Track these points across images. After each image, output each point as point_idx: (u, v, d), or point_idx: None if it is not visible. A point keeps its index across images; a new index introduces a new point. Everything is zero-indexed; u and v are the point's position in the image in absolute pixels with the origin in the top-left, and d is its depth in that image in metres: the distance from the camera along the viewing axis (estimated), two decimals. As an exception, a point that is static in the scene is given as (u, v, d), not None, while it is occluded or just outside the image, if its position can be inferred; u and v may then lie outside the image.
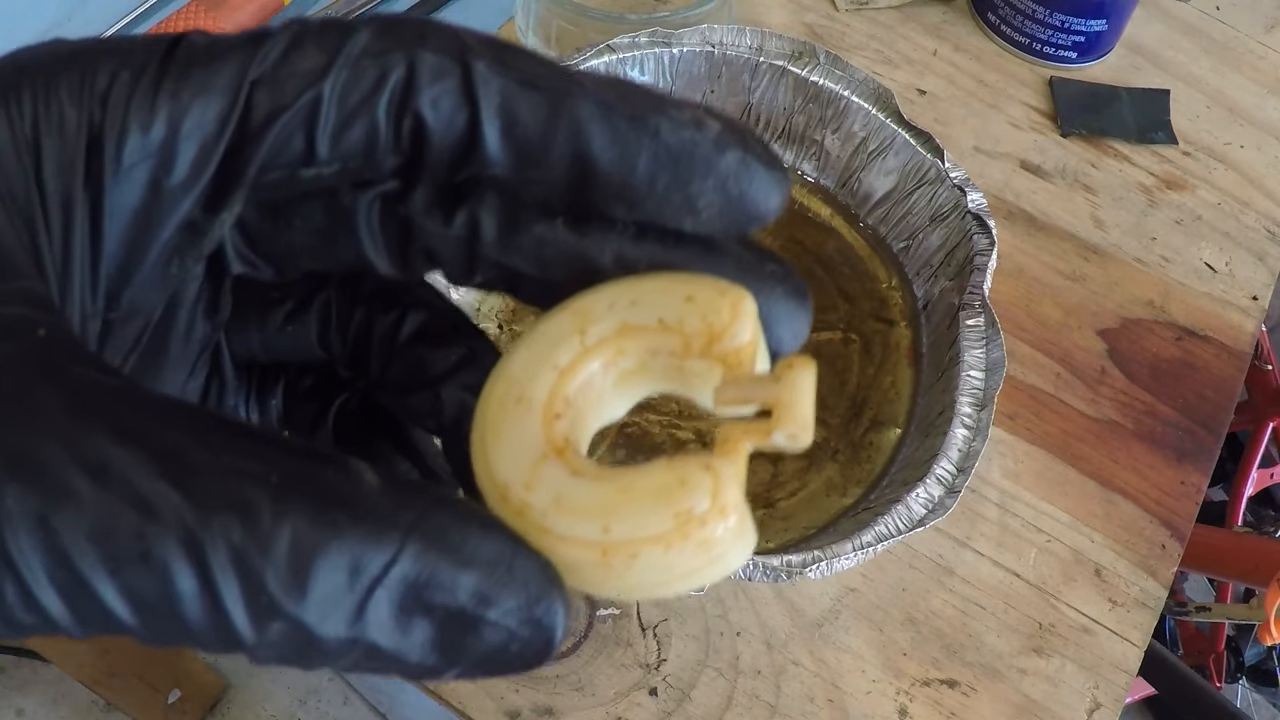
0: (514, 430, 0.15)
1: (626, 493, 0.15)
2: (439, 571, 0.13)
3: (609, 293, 0.17)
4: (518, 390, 0.16)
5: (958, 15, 0.69)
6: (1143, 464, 0.53)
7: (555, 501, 0.15)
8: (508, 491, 0.15)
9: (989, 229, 0.48)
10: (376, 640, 0.13)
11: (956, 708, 0.46)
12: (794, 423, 0.15)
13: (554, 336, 0.16)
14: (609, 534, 0.14)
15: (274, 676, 1.16)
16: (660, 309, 0.16)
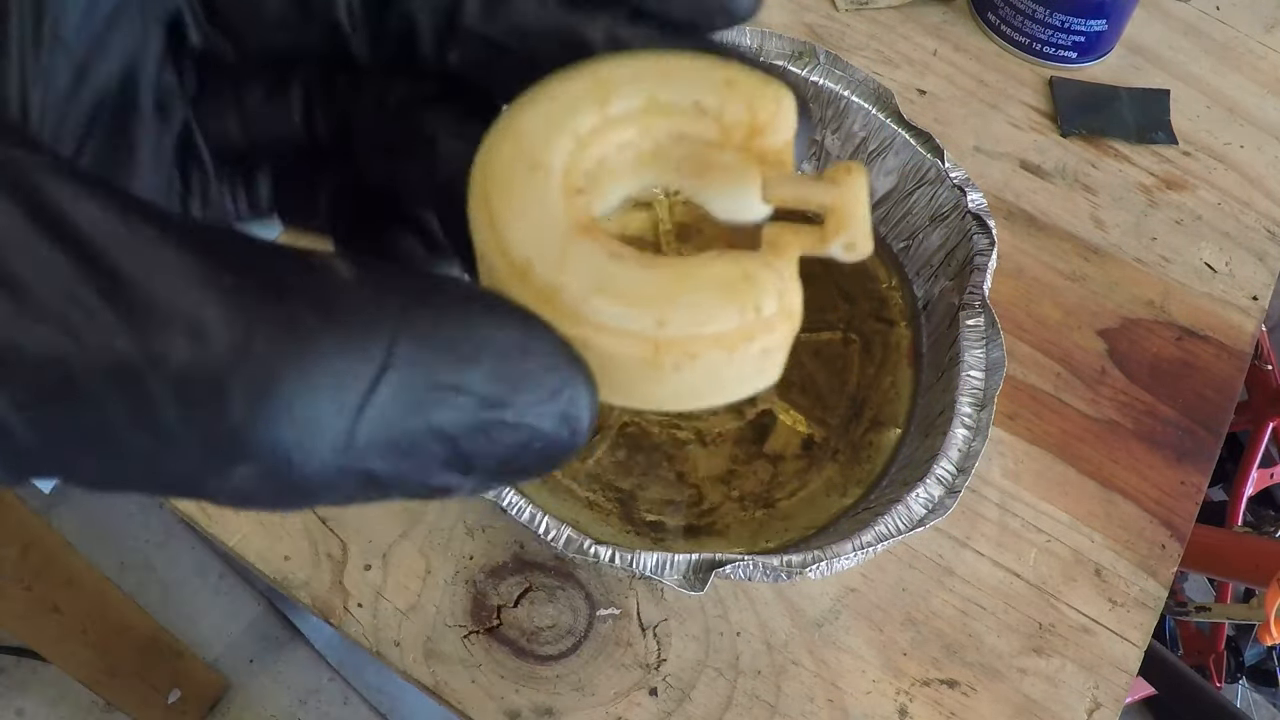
0: (530, 199, 0.13)
1: (685, 281, 0.13)
2: (439, 373, 0.11)
3: (633, 63, 0.14)
4: (531, 152, 0.13)
5: (958, 15, 0.69)
6: (1143, 464, 0.53)
7: (598, 286, 0.12)
8: (529, 270, 0.13)
9: (989, 229, 0.48)
10: (372, 467, 0.11)
11: (956, 708, 0.46)
12: (855, 229, 0.14)
13: (571, 100, 0.14)
14: (664, 328, 0.12)
15: (274, 677, 1.16)
16: (697, 89, 0.14)
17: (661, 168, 0.15)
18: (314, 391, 0.10)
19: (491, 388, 0.11)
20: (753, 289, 0.13)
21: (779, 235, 0.14)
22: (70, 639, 0.90)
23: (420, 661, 0.44)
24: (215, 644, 1.16)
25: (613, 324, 0.12)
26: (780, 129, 0.14)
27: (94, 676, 0.95)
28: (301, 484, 0.11)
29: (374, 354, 0.10)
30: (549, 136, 0.14)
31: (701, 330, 0.13)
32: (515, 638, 0.45)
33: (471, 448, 0.11)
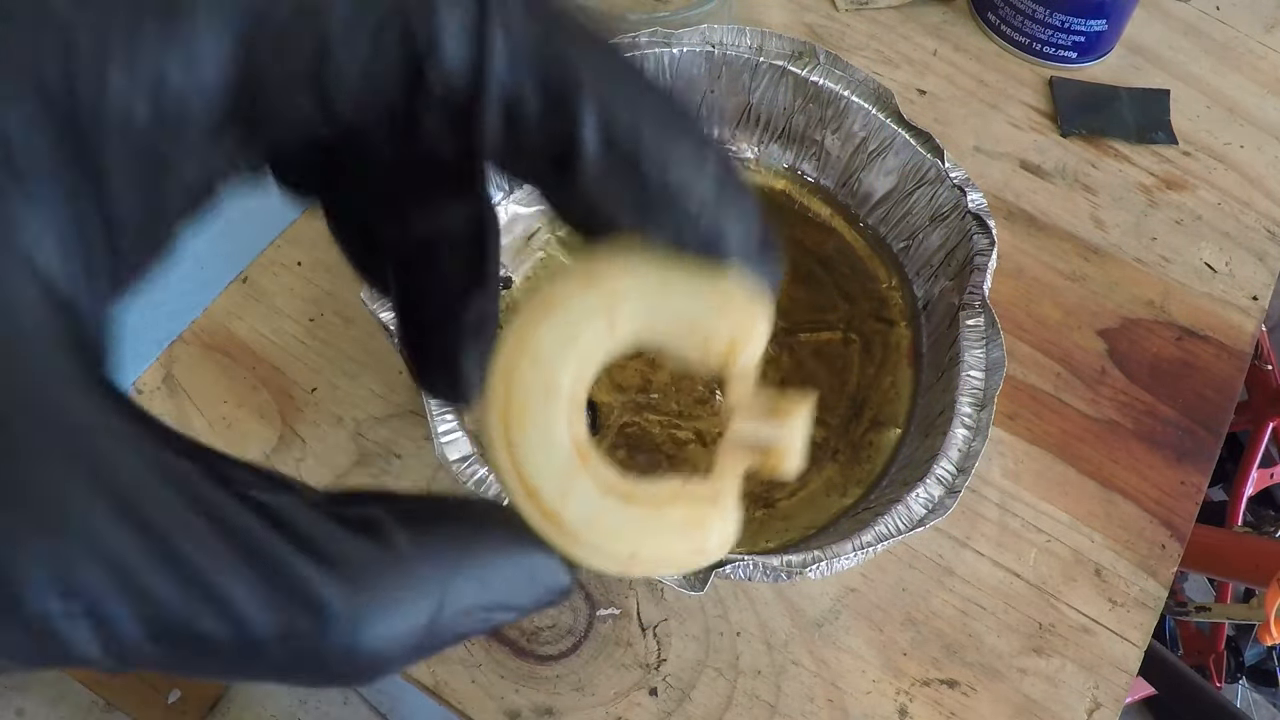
0: (543, 426, 0.17)
1: (653, 524, 0.17)
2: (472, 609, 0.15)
3: (636, 272, 0.17)
4: (545, 377, 0.17)
5: (958, 15, 0.69)
6: (1143, 464, 0.53)
7: (588, 523, 0.17)
8: (539, 497, 0.17)
9: (989, 229, 0.48)
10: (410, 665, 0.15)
11: (956, 708, 0.46)
12: (789, 466, 0.18)
13: (580, 312, 0.17)
14: (635, 556, 0.17)
15: (274, 676, 1.16)
16: (691, 312, 0.17)
17: (649, 341, 0.18)
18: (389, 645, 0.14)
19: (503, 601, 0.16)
20: (704, 533, 0.17)
21: (727, 463, 0.18)
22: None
23: (420, 661, 0.44)
24: (215, 644, 1.16)
25: (599, 550, 0.17)
26: (752, 350, 0.18)
27: (94, 676, 0.94)
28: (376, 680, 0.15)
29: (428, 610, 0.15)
30: (562, 357, 0.17)
31: (662, 558, 0.17)
32: (515, 638, 0.45)
33: (483, 632, 0.16)
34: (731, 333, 0.17)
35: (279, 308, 0.52)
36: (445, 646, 0.15)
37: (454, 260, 0.19)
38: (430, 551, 0.15)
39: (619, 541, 0.17)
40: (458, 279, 0.19)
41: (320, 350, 0.51)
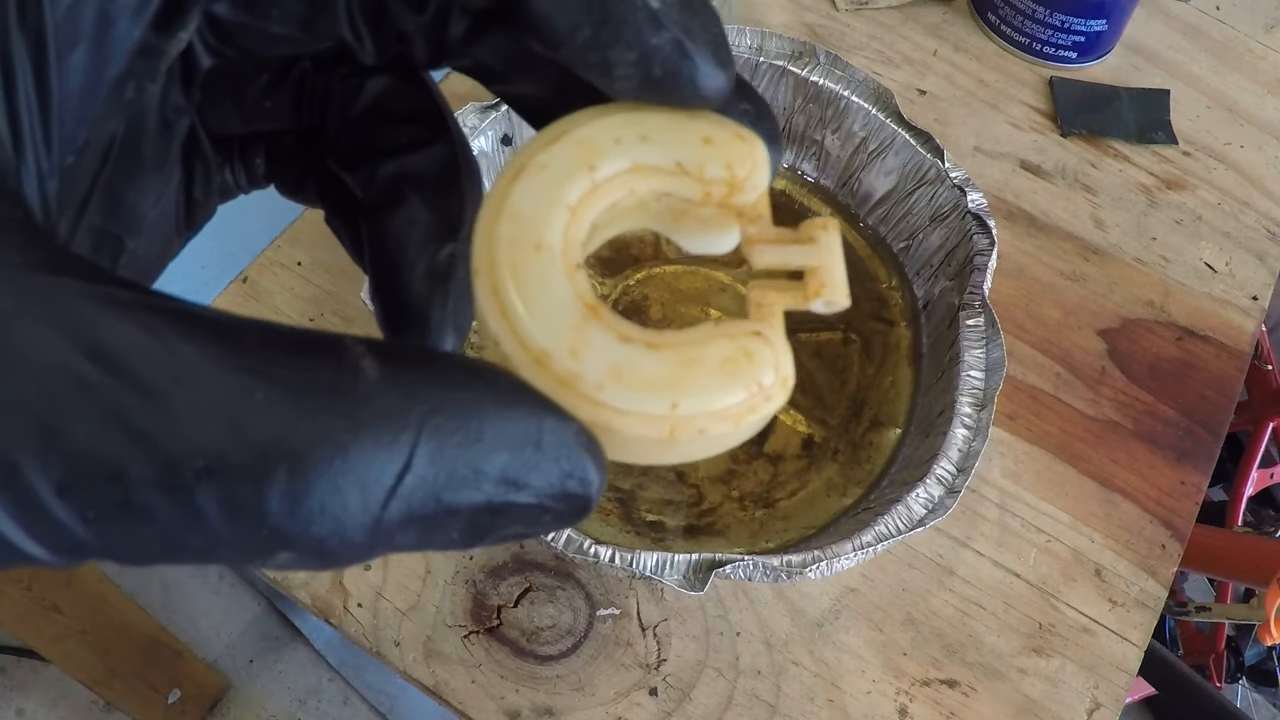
0: (539, 283, 0.14)
1: (693, 366, 0.14)
2: (458, 465, 0.12)
3: (612, 123, 0.15)
4: (533, 234, 0.14)
5: (958, 15, 0.69)
6: (1143, 464, 0.53)
7: (612, 373, 0.14)
8: (549, 360, 0.14)
9: (989, 229, 0.48)
10: (397, 544, 0.12)
11: (956, 708, 0.46)
12: (834, 289, 0.15)
13: (560, 170, 0.15)
14: (677, 409, 0.14)
15: (274, 677, 1.16)
16: (677, 149, 0.15)
17: (643, 217, 0.16)
18: (344, 493, 0.11)
19: (507, 475, 0.12)
20: (753, 366, 0.14)
21: (764, 296, 0.15)
22: (70, 639, 0.90)
23: (420, 661, 0.44)
24: (215, 644, 1.16)
25: (630, 408, 0.14)
26: (757, 184, 0.15)
27: (94, 676, 0.95)
28: (337, 560, 0.12)
29: (398, 455, 0.12)
30: (547, 213, 0.15)
31: (711, 409, 0.14)
32: (515, 638, 0.45)
33: (487, 523, 0.13)
34: (726, 165, 0.15)
35: (279, 308, 0.52)
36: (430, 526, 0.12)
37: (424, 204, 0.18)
38: (406, 383, 0.12)
39: (654, 392, 0.14)
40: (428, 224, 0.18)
41: (320, 350, 0.51)
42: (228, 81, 0.18)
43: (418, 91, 0.19)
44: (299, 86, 0.19)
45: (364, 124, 0.19)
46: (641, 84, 0.15)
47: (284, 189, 0.20)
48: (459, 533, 0.13)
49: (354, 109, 0.19)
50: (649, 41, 0.15)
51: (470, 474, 0.12)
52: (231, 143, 0.20)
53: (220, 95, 0.18)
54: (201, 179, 0.19)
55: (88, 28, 0.14)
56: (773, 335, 0.15)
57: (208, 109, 0.19)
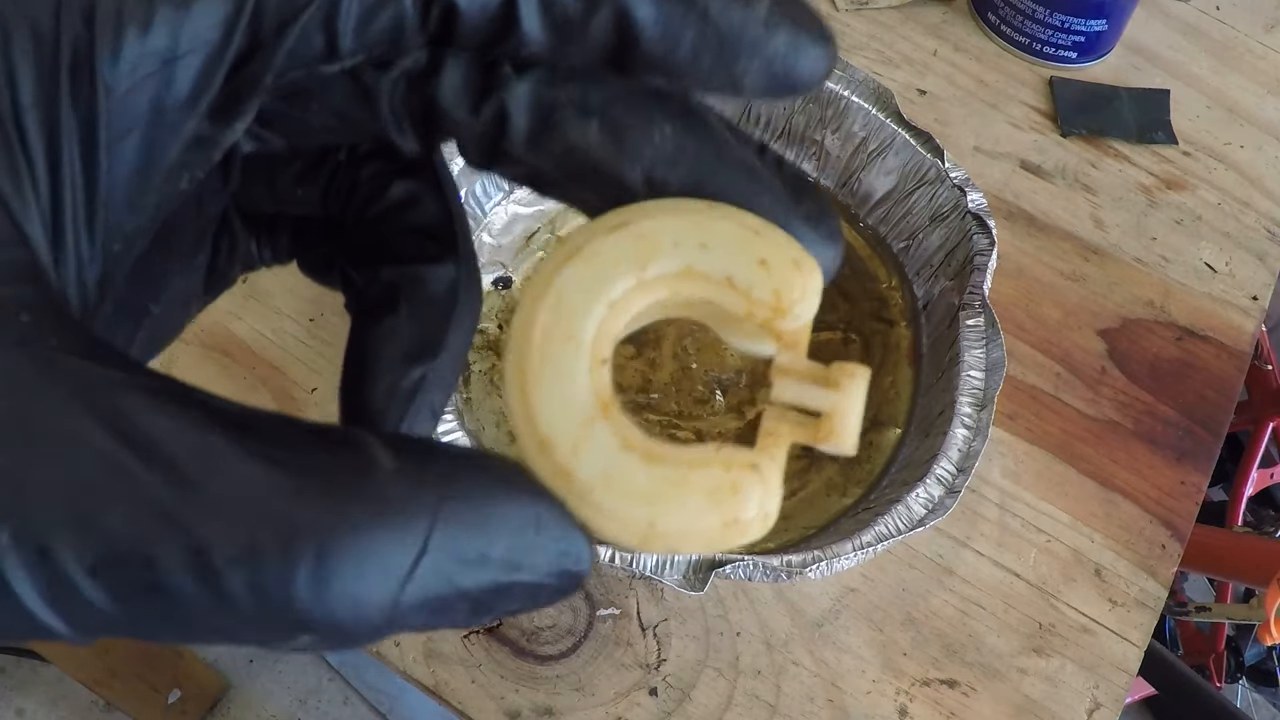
0: (561, 374, 0.15)
1: (678, 487, 0.15)
2: (468, 550, 0.13)
3: (675, 225, 0.16)
4: (567, 324, 0.15)
5: (958, 15, 0.69)
6: (1143, 464, 0.53)
7: (604, 478, 0.15)
8: (551, 449, 0.15)
9: (989, 229, 0.48)
10: (408, 625, 0.13)
11: (956, 708, 0.46)
12: (845, 438, 0.16)
13: (611, 262, 0.15)
14: (654, 526, 0.15)
15: (274, 677, 1.16)
16: (731, 264, 0.16)
17: (687, 311, 0.17)
18: (366, 576, 0.12)
19: (510, 557, 0.13)
20: (737, 500, 0.15)
21: (776, 427, 0.16)
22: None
23: (420, 661, 0.44)
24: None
25: (613, 512, 0.15)
26: (802, 314, 0.16)
27: (94, 676, 0.95)
28: (354, 643, 0.13)
29: (414, 541, 0.12)
30: (587, 306, 0.15)
31: (684, 530, 0.15)
32: (515, 638, 0.45)
33: (491, 602, 0.13)
34: (776, 291, 0.16)
35: (279, 308, 0.52)
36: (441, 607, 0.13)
37: (412, 318, 0.18)
38: (418, 475, 0.13)
39: (636, 504, 0.14)
40: (408, 341, 0.18)
41: (320, 350, 0.51)
42: (263, 166, 0.19)
43: (439, 208, 0.19)
44: (330, 178, 0.19)
45: (380, 225, 0.19)
46: (767, 84, 0.16)
47: (306, 269, 0.21)
48: (464, 613, 0.13)
49: (373, 209, 0.19)
50: (768, 46, 0.15)
51: (478, 557, 0.13)
52: (260, 220, 0.20)
53: (254, 178, 0.19)
54: (227, 252, 0.20)
55: (142, 116, 0.14)
56: (769, 471, 0.15)
57: (243, 190, 0.19)
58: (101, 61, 0.13)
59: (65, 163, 0.13)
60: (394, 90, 0.16)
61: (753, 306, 0.16)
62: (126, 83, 0.13)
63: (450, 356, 0.18)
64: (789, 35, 0.16)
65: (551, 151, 0.16)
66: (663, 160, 0.16)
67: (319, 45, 0.15)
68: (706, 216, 0.16)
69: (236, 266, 0.20)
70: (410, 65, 0.16)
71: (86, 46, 0.13)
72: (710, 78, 0.16)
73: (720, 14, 0.15)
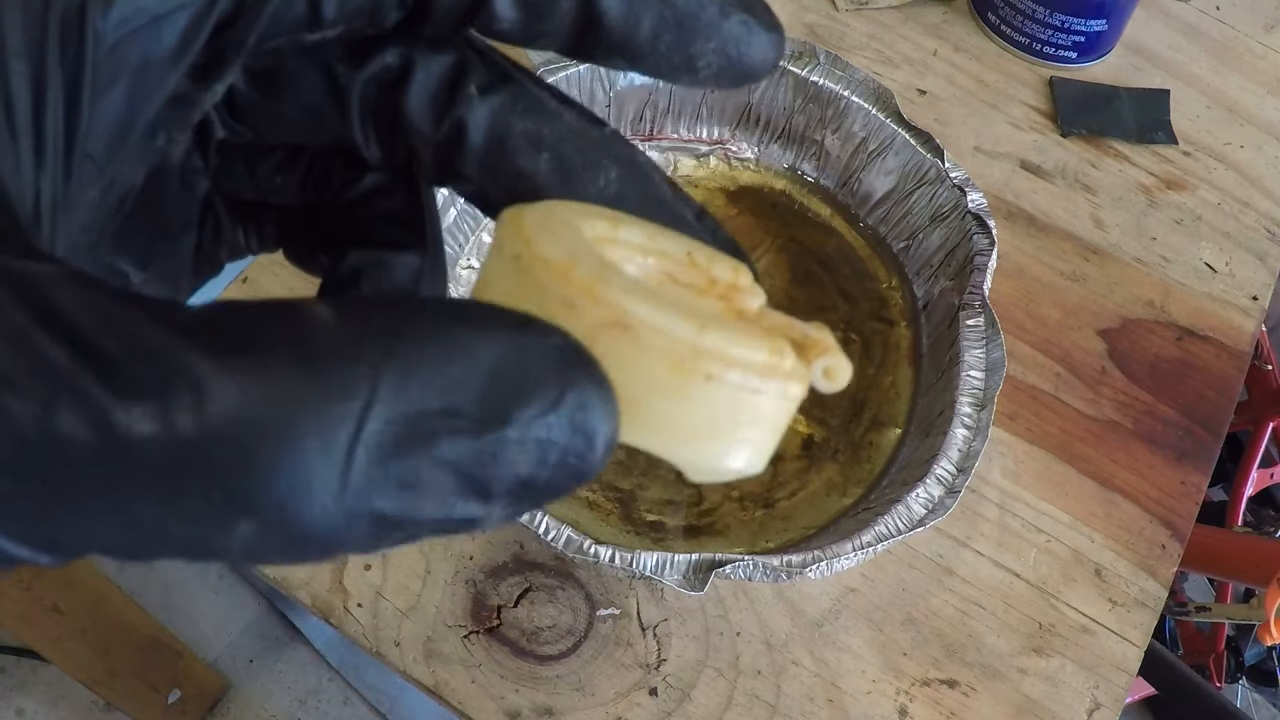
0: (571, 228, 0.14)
1: (725, 316, 0.14)
2: (426, 401, 0.11)
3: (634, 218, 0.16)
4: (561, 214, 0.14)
5: (958, 15, 0.69)
6: (1143, 464, 0.53)
7: (642, 290, 0.13)
8: (573, 267, 0.13)
9: (989, 229, 0.48)
10: (379, 508, 0.11)
11: (956, 708, 0.46)
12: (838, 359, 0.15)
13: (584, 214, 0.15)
14: (701, 336, 0.12)
15: (274, 677, 1.16)
16: (688, 246, 0.16)
17: None
18: (299, 440, 0.10)
19: (486, 408, 0.11)
20: (781, 345, 0.13)
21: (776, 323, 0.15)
22: (70, 639, 0.90)
23: (420, 661, 0.44)
24: (215, 644, 1.16)
25: (654, 320, 0.12)
26: (757, 295, 0.16)
27: (94, 676, 0.95)
28: (308, 534, 0.11)
29: (356, 394, 0.10)
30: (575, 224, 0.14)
31: (734, 351, 0.13)
32: (515, 638, 0.45)
33: (482, 473, 0.11)
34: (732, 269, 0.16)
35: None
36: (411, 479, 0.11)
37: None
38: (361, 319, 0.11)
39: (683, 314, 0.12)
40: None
41: (320, 350, 0.51)
42: (242, 154, 0.19)
43: (410, 198, 0.19)
44: (308, 167, 0.19)
45: (351, 211, 0.19)
46: (720, 69, 0.17)
47: (292, 258, 0.21)
48: (454, 491, 0.11)
49: (346, 196, 0.19)
50: (723, 29, 0.16)
51: (444, 412, 0.11)
52: (247, 209, 0.20)
53: (235, 165, 0.19)
54: (212, 230, 0.20)
55: (129, 69, 0.14)
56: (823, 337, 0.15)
57: (224, 175, 0.19)
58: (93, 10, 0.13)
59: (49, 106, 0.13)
60: (364, 91, 0.17)
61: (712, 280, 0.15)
62: (115, 34, 0.13)
63: None
64: (742, 19, 0.16)
65: (501, 175, 0.17)
66: (604, 201, 0.17)
67: (302, 10, 0.15)
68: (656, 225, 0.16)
69: (223, 250, 0.20)
70: (381, 69, 0.17)
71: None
72: (668, 59, 0.16)
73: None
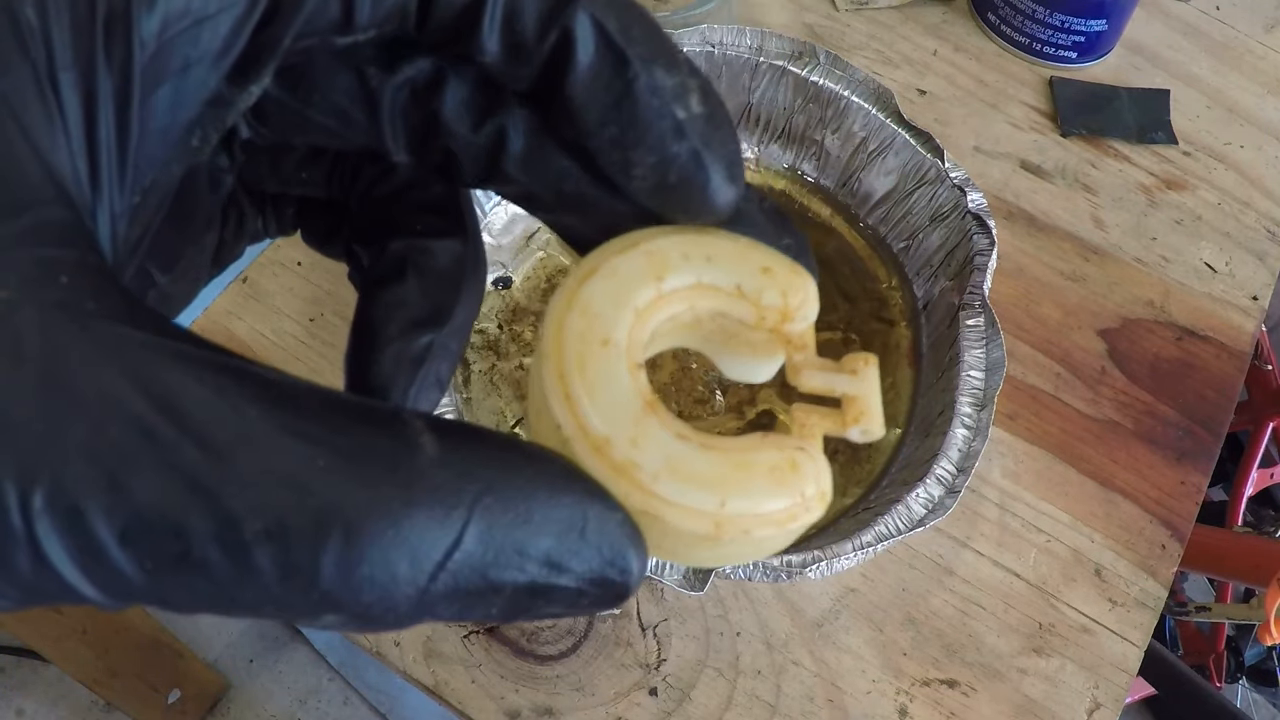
0: (605, 376, 0.15)
1: (742, 469, 0.15)
2: (506, 547, 0.12)
3: (679, 241, 0.16)
4: (601, 330, 0.15)
5: (958, 15, 0.69)
6: (1143, 464, 0.53)
7: (668, 465, 0.14)
8: (609, 447, 0.14)
9: (989, 229, 0.48)
10: (439, 614, 0.12)
11: (956, 708, 0.46)
12: (872, 418, 0.16)
13: (630, 276, 0.16)
14: (725, 508, 0.14)
15: (274, 677, 1.16)
16: (738, 274, 0.16)
17: (695, 335, 0.17)
18: (394, 564, 0.12)
19: (550, 557, 0.13)
20: (798, 476, 0.15)
21: (806, 417, 0.16)
22: (70, 639, 0.90)
23: (420, 661, 0.44)
24: (215, 644, 1.16)
25: (682, 501, 0.14)
26: (807, 315, 0.16)
27: (94, 676, 0.95)
28: (376, 626, 0.12)
29: (450, 531, 0.12)
30: (615, 313, 0.15)
31: (757, 511, 0.15)
32: (515, 638, 0.45)
33: (526, 602, 0.13)
34: (782, 293, 0.16)
35: (279, 308, 0.52)
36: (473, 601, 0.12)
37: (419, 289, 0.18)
38: (461, 462, 0.12)
39: (706, 489, 0.14)
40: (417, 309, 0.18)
41: (320, 350, 0.51)
42: (267, 152, 0.19)
43: (445, 185, 0.19)
44: (334, 163, 0.19)
45: (386, 205, 0.19)
46: (655, 187, 0.16)
47: (311, 241, 0.21)
48: (498, 609, 0.13)
49: (380, 190, 0.19)
50: (669, 149, 0.16)
51: (516, 555, 0.12)
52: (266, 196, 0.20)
53: (259, 161, 0.19)
54: (235, 224, 0.20)
55: (171, 72, 0.14)
56: (815, 453, 0.15)
57: (248, 171, 0.19)
58: (138, 15, 0.13)
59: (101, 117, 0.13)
60: (396, 96, 0.17)
61: (763, 312, 0.16)
62: (159, 39, 0.14)
63: (456, 328, 0.19)
64: (694, 150, 0.16)
65: (545, 175, 0.17)
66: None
67: (335, 13, 0.15)
68: (704, 235, 0.17)
69: (244, 240, 0.20)
70: (415, 74, 0.17)
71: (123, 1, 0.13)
72: (607, 152, 0.16)
73: (642, 92, 0.15)
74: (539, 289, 0.53)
